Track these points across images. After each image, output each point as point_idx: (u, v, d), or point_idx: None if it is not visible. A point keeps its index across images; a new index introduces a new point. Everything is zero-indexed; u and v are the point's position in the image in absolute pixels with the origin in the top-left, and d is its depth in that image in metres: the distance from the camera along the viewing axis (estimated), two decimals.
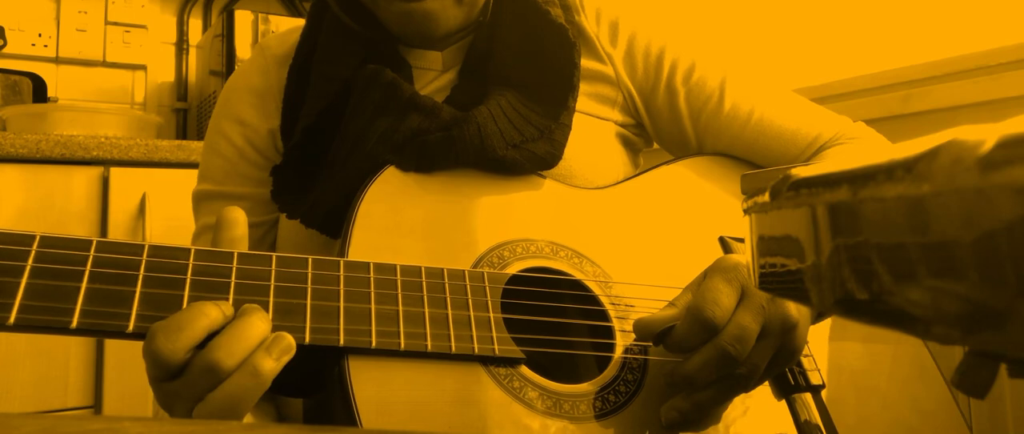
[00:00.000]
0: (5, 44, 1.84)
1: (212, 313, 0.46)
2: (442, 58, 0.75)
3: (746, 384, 0.55)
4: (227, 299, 0.48)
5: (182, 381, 0.45)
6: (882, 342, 0.69)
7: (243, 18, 1.81)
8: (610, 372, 0.58)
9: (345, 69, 0.69)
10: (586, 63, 0.75)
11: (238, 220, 0.52)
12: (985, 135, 0.19)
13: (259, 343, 0.46)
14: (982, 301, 0.19)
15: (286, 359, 0.46)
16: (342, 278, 0.52)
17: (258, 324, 0.46)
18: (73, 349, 1.40)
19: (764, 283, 0.29)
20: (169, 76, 2.09)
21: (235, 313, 0.47)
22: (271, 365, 0.45)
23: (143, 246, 0.48)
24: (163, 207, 1.49)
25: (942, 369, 0.69)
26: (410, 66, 0.72)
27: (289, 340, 0.47)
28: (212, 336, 0.45)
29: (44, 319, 0.44)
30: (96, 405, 1.40)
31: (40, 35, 1.91)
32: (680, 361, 0.55)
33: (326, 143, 0.68)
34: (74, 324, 0.44)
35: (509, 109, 0.66)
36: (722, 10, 1.68)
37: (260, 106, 0.76)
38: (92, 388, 1.41)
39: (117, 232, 1.45)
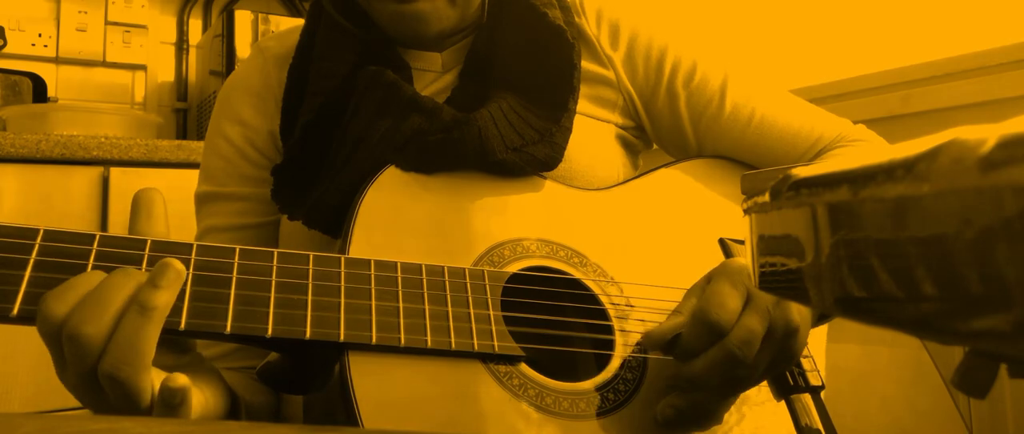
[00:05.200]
0: (5, 44, 1.85)
1: (95, 281, 0.44)
2: (441, 59, 0.75)
3: (744, 385, 0.55)
4: (228, 293, 0.49)
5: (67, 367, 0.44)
6: (881, 344, 0.69)
7: (243, 18, 1.81)
8: (609, 371, 0.58)
9: (343, 66, 0.69)
10: (586, 65, 0.75)
11: (154, 201, 0.50)
12: (985, 135, 0.19)
13: (124, 297, 0.43)
14: (981, 300, 0.19)
15: (178, 285, 0.44)
16: (343, 274, 0.52)
17: (121, 279, 0.44)
18: None
19: (764, 282, 0.29)
20: (169, 76, 2.09)
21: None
22: (163, 296, 0.43)
23: (145, 241, 0.49)
24: None
25: (941, 371, 0.69)
26: (410, 67, 0.72)
27: (176, 265, 0.44)
28: None
29: None
30: None
31: (40, 35, 1.91)
32: (682, 363, 0.55)
33: (326, 143, 0.68)
34: None
35: (510, 112, 0.66)
36: (722, 10, 1.68)
37: (260, 106, 0.76)
38: None
39: (117, 232, 1.45)
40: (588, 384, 0.57)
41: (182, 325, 0.46)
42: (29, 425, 0.27)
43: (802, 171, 0.26)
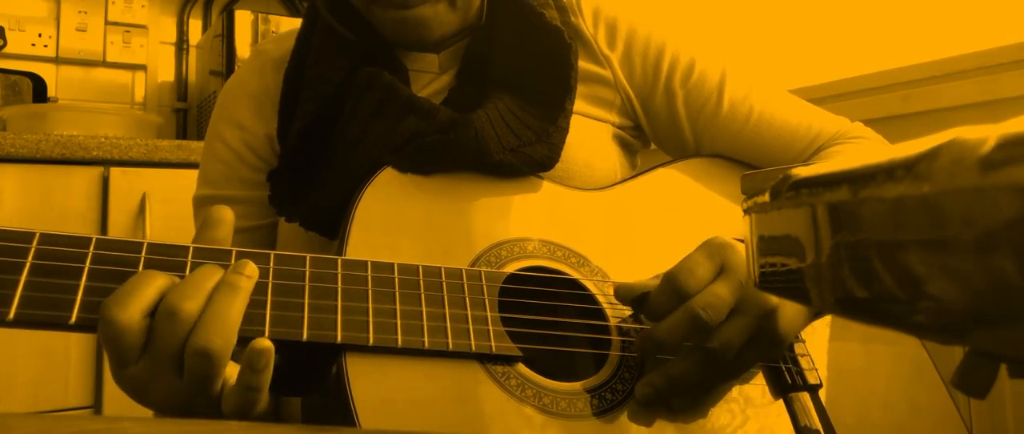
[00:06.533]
0: (5, 44, 1.84)
1: (160, 280, 0.46)
2: (439, 61, 0.75)
3: (721, 361, 0.54)
4: None
5: (149, 352, 0.45)
6: (881, 342, 0.69)
7: (243, 18, 1.81)
8: (607, 371, 0.58)
9: (339, 71, 0.69)
10: (584, 65, 0.75)
11: (224, 219, 0.52)
12: (985, 135, 0.19)
13: (217, 280, 0.47)
14: (982, 299, 0.19)
15: (255, 275, 0.48)
16: (339, 276, 0.52)
17: (209, 269, 0.47)
18: (73, 349, 1.40)
19: (764, 282, 0.29)
20: (169, 76, 2.09)
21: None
22: (246, 280, 0.47)
23: (142, 244, 0.49)
24: (163, 207, 1.49)
25: (941, 370, 0.69)
26: (407, 69, 0.72)
27: (252, 266, 0.48)
28: None
29: (44, 314, 0.44)
30: (96, 405, 1.40)
31: (40, 35, 1.91)
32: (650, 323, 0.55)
33: (322, 146, 0.68)
34: (73, 319, 0.45)
35: (507, 113, 0.66)
36: (722, 10, 1.68)
37: (257, 110, 0.76)
38: (92, 388, 1.41)
39: (117, 232, 1.45)
40: (586, 384, 0.57)
41: None
42: (28, 425, 0.27)
43: (802, 171, 0.26)
